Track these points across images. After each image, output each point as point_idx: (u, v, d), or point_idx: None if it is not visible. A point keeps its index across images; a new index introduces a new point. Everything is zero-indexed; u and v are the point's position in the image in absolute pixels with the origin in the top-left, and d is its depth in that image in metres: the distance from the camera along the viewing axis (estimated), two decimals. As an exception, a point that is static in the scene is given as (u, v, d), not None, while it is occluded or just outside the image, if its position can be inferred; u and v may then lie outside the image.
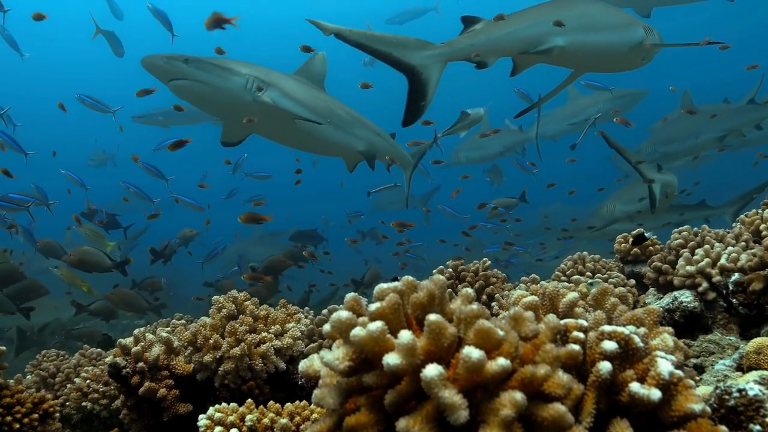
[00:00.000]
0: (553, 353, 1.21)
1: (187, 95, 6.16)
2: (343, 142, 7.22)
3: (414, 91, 5.26)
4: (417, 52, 5.18)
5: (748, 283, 2.74)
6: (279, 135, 7.14)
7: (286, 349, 2.95)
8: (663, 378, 1.23)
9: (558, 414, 1.12)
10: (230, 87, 6.11)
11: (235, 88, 6.14)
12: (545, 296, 1.61)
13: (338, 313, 1.27)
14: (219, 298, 3.07)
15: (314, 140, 7.04)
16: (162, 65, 5.90)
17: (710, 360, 2.59)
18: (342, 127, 7.07)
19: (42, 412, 2.80)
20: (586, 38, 5.67)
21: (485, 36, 5.41)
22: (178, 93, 6.14)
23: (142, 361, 2.81)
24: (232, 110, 6.43)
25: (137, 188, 8.55)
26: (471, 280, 3.66)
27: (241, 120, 6.38)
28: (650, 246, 3.78)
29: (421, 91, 5.25)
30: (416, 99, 5.28)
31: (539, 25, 5.56)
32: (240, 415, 2.18)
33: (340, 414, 1.27)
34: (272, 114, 6.40)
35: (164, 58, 5.93)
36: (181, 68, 5.88)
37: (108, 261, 7.14)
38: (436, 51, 5.24)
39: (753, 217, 3.14)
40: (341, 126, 7.05)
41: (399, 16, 19.14)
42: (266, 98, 6.24)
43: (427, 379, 1.09)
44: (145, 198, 8.68)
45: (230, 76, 6.10)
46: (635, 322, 1.51)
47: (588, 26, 5.72)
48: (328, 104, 6.96)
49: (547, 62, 5.76)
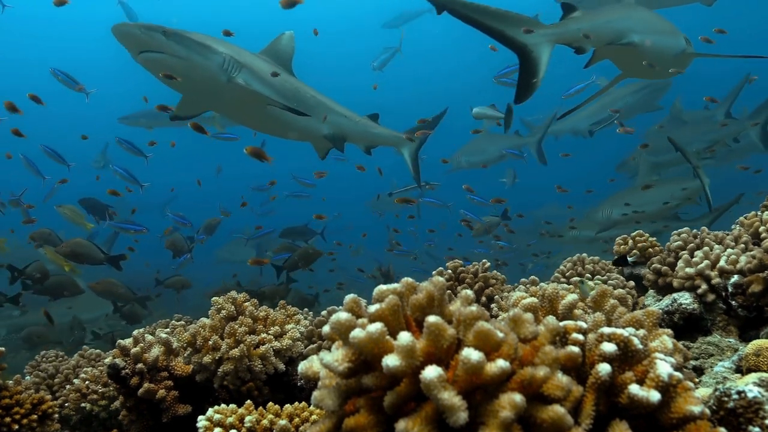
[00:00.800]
0: (552, 355, 1.21)
1: (160, 69, 5.80)
2: (309, 126, 7.06)
3: (525, 69, 5.37)
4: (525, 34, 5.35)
5: (747, 285, 2.74)
6: (242, 116, 6.98)
7: (286, 351, 2.95)
8: (662, 380, 1.23)
9: (557, 416, 1.12)
10: (208, 66, 5.90)
11: (213, 67, 5.94)
12: (544, 298, 1.61)
13: (338, 314, 1.27)
14: (218, 299, 3.06)
15: (280, 124, 6.92)
16: (138, 35, 5.58)
17: (709, 362, 2.59)
18: (308, 111, 6.85)
19: (41, 413, 2.80)
20: (652, 39, 6.07)
21: (588, 23, 5.68)
22: (151, 66, 5.80)
23: (141, 362, 2.81)
24: (203, 89, 6.20)
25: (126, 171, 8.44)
26: (470, 281, 3.66)
27: (206, 97, 6.19)
28: (649, 248, 3.78)
29: (533, 69, 5.35)
30: (527, 77, 5.39)
31: (623, 20, 5.99)
32: (239, 417, 2.18)
33: (339, 415, 1.27)
34: (242, 96, 6.25)
35: (141, 27, 5.63)
36: (159, 41, 5.60)
37: (100, 254, 7.12)
38: (547, 31, 5.40)
39: (752, 219, 3.14)
40: (307, 110, 6.83)
41: (395, 20, 19.14)
42: (241, 80, 6.10)
43: (427, 381, 1.09)
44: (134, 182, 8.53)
45: (210, 54, 5.91)
46: (634, 324, 1.51)
47: (654, 29, 6.17)
48: (295, 87, 6.82)
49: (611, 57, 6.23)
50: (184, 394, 2.85)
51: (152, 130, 12.30)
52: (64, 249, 6.95)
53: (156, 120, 12.01)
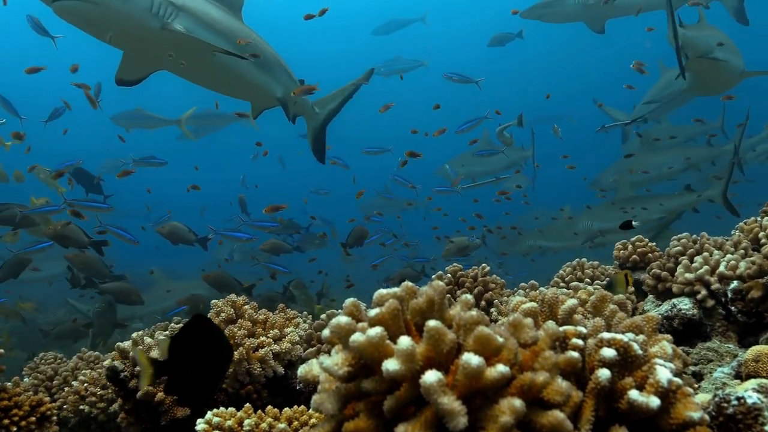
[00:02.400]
0: (552, 360, 1.21)
1: (76, 19, 5.11)
2: (264, 84, 6.36)
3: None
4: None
5: (746, 291, 2.74)
6: (190, 71, 6.06)
7: (285, 354, 2.95)
8: (662, 385, 1.23)
9: (557, 421, 1.12)
10: (131, 11, 5.11)
11: (137, 12, 5.12)
12: (544, 303, 1.61)
13: (338, 318, 1.27)
14: (218, 302, 3.06)
15: (232, 79, 6.14)
16: None
17: (709, 368, 2.59)
18: (264, 67, 6.22)
19: (39, 415, 2.79)
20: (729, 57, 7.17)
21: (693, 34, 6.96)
22: (68, 17, 5.09)
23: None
24: (135, 40, 5.40)
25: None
26: (470, 285, 3.66)
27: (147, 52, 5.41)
28: (649, 253, 3.79)
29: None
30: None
31: (711, 38, 7.14)
32: (238, 420, 2.17)
33: (338, 419, 1.27)
34: (184, 45, 5.48)
35: None
36: None
37: (85, 238, 7.13)
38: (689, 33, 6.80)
39: (752, 225, 3.15)
40: (263, 65, 6.20)
41: (385, 27, 19.08)
42: (178, 26, 5.31)
43: (427, 385, 1.09)
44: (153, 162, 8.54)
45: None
46: (634, 329, 1.52)
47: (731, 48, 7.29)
48: (250, 37, 6.07)
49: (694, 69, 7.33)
50: (183, 397, 2.85)
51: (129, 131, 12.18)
52: (50, 231, 6.95)
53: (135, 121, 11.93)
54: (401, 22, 19.27)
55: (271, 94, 6.55)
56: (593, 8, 8.85)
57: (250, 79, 6.21)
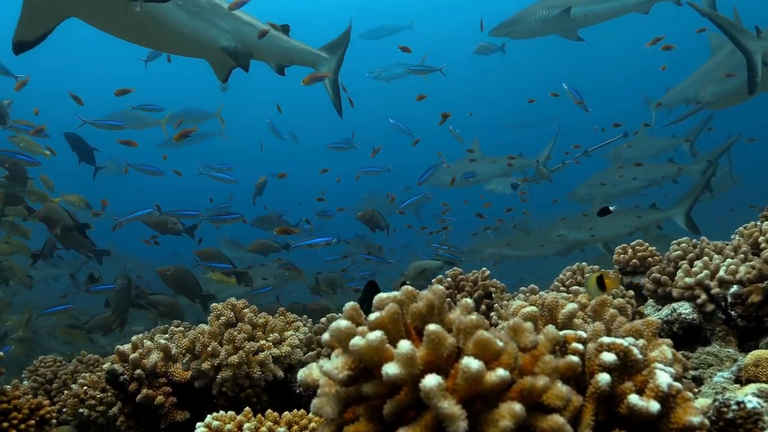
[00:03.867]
0: (552, 364, 1.21)
1: None
2: (201, 34, 5.51)
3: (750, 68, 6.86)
4: (753, 41, 6.80)
5: (746, 296, 2.74)
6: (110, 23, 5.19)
7: (285, 357, 2.95)
8: (662, 390, 1.23)
9: (557, 425, 1.12)
10: None
11: None
12: (544, 307, 1.61)
13: (338, 322, 1.27)
14: (218, 305, 3.07)
15: (161, 31, 5.31)
16: None
17: (709, 372, 2.59)
18: (199, 13, 5.42)
19: (39, 418, 2.79)
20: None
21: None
22: None
23: (139, 368, 2.80)
24: None
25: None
26: (470, 289, 3.65)
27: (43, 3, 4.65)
28: (649, 257, 3.79)
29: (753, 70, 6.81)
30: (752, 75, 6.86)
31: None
32: (237, 424, 2.17)
33: (338, 423, 1.27)
34: None
35: None
36: None
37: (70, 220, 7.08)
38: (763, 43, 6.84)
39: (751, 230, 3.15)
40: (197, 12, 5.40)
41: (373, 32, 19.06)
42: None
43: (427, 390, 1.09)
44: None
45: None
46: (634, 333, 1.52)
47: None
48: None
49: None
50: (183, 400, 2.85)
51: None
52: (40, 214, 6.93)
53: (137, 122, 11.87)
54: (389, 29, 19.25)
55: (213, 44, 5.65)
56: (554, 22, 9.03)
57: (180, 29, 5.35)
